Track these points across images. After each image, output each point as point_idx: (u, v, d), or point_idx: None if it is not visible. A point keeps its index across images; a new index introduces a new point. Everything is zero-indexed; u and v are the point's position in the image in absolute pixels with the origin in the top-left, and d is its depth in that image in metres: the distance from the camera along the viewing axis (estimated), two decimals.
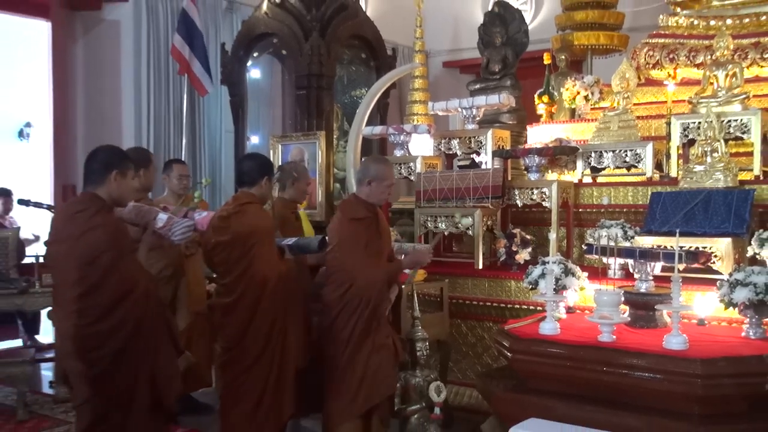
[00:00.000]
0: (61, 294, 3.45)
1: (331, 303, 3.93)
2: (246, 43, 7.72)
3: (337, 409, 3.90)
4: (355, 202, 4.11)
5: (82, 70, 7.96)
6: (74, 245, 3.34)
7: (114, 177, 3.46)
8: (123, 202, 3.63)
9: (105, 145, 3.77)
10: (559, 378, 3.61)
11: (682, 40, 6.44)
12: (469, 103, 5.88)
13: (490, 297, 4.83)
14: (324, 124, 7.13)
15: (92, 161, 3.51)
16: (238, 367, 4.03)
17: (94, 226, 3.35)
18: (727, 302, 3.62)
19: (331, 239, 4.06)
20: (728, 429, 3.22)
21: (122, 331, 3.34)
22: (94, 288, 3.31)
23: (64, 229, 3.42)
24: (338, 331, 3.89)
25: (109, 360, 3.33)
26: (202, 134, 8.32)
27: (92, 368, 3.34)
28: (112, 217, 3.52)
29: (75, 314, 3.32)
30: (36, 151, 9.04)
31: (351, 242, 3.97)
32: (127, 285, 3.37)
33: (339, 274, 3.94)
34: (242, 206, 4.15)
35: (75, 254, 3.33)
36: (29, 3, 7.61)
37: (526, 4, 10.42)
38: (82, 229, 3.35)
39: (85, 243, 3.32)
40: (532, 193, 5.13)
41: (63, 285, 3.42)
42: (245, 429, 4.03)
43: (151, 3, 7.84)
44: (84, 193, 3.50)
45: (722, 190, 4.48)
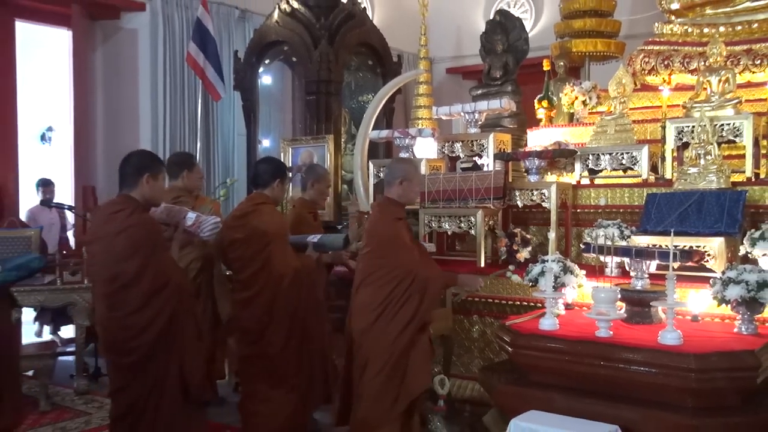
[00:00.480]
0: (100, 288, 3.55)
1: (370, 304, 3.79)
2: (258, 51, 7.74)
3: (381, 410, 3.74)
4: (392, 202, 4.00)
5: (101, 77, 7.99)
6: (112, 243, 3.46)
7: (146, 180, 3.56)
8: (156, 203, 3.73)
9: (137, 150, 3.90)
10: (558, 371, 3.60)
11: (677, 47, 6.42)
12: (471, 108, 5.87)
13: (492, 294, 4.82)
14: (332, 128, 7.15)
15: (126, 165, 3.63)
16: (264, 358, 4.10)
17: (130, 225, 3.47)
18: (720, 299, 3.61)
19: (368, 241, 3.94)
20: (721, 421, 3.21)
21: (157, 323, 3.46)
22: (131, 282, 3.43)
23: (102, 228, 3.54)
24: (382, 331, 3.74)
25: (144, 350, 3.45)
26: (216, 137, 8.33)
27: (128, 358, 3.47)
28: (147, 216, 3.64)
29: (113, 307, 3.47)
30: (57, 154, 9.09)
31: (401, 241, 3.94)
32: (161, 280, 3.49)
33: (384, 273, 3.79)
34: (257, 206, 4.20)
35: (113, 251, 3.46)
36: (51, 13, 7.64)
37: (526, 13, 10.40)
38: (119, 228, 3.47)
39: (123, 241, 3.45)
40: (532, 194, 5.12)
41: (102, 280, 3.52)
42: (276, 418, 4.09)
43: (167, 12, 7.86)
44: (120, 195, 3.62)
45: (715, 192, 4.46)
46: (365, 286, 3.86)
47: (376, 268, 3.84)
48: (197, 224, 3.86)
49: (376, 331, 3.76)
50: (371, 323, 3.78)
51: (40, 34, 8.38)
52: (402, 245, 3.93)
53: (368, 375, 3.76)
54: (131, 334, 3.45)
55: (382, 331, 3.75)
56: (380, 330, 3.76)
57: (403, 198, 3.99)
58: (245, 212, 4.22)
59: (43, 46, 8.74)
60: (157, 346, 3.47)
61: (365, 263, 3.91)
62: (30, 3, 7.39)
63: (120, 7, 7.80)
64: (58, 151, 9.13)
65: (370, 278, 3.84)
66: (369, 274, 3.85)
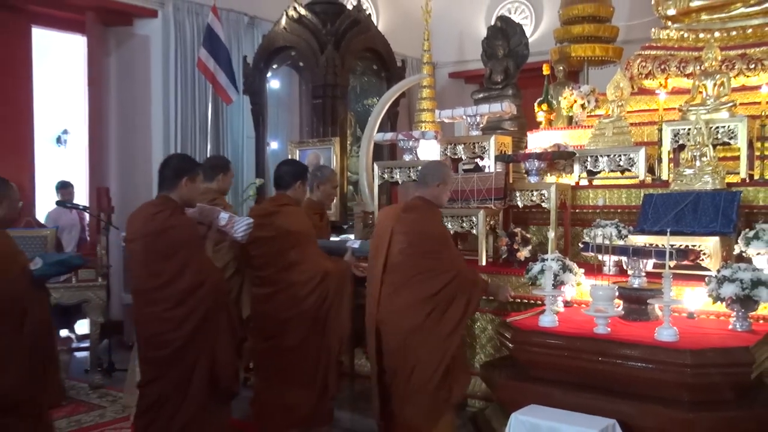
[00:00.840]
0: (140, 284, 3.61)
1: (416, 305, 3.71)
2: (266, 56, 7.75)
3: (440, 401, 3.71)
4: (431, 204, 3.95)
5: (114, 81, 8.00)
6: (154, 242, 3.52)
7: (185, 182, 3.63)
8: (192, 204, 3.77)
9: (177, 154, 3.99)
10: (558, 367, 3.60)
11: (673, 52, 6.41)
12: (473, 111, 5.87)
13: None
14: (338, 131, 7.15)
15: (165, 168, 3.69)
16: (281, 354, 4.11)
17: (171, 225, 3.55)
18: (715, 297, 3.61)
19: (413, 240, 3.80)
20: (716, 415, 3.20)
21: (191, 319, 3.51)
22: (171, 280, 3.50)
23: (144, 227, 3.58)
24: (431, 331, 3.68)
25: (177, 344, 3.50)
26: (226, 140, 8.34)
27: (162, 351, 3.53)
28: (186, 217, 3.71)
29: (152, 303, 3.53)
30: (72, 156, 9.10)
31: (450, 242, 3.96)
32: (198, 279, 3.54)
33: (434, 274, 3.73)
34: (282, 207, 4.23)
35: (155, 250, 3.53)
36: (67, 20, 7.66)
37: (526, 19, 10.39)
38: (160, 228, 3.53)
39: (163, 240, 3.52)
40: (532, 194, 5.12)
41: (143, 277, 3.58)
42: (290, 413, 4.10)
43: (178, 19, 7.87)
44: (159, 196, 3.69)
45: (710, 192, 4.46)
46: (408, 286, 3.74)
47: (423, 268, 3.74)
48: (230, 224, 3.88)
49: (426, 331, 3.69)
50: (420, 323, 3.69)
51: (55, 40, 8.40)
52: (451, 246, 3.97)
53: (422, 373, 3.68)
54: (167, 328, 3.51)
55: (431, 330, 3.69)
56: (429, 330, 3.69)
57: (437, 200, 3.95)
58: (270, 212, 4.23)
59: (59, 51, 8.76)
60: (190, 341, 3.51)
61: (409, 263, 3.77)
62: (46, 10, 7.41)
63: (133, 14, 7.81)
64: (73, 153, 9.14)
65: (417, 278, 3.73)
66: (415, 274, 3.74)
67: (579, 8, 7.74)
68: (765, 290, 3.46)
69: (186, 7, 7.93)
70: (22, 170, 7.21)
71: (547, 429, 3.21)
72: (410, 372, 3.72)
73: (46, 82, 8.36)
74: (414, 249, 3.79)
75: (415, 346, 3.70)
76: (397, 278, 3.79)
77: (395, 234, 3.83)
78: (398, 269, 3.80)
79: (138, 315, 3.65)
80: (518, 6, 10.62)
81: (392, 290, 3.79)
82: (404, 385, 3.74)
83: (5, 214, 3.63)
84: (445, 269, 3.76)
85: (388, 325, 3.79)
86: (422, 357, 3.69)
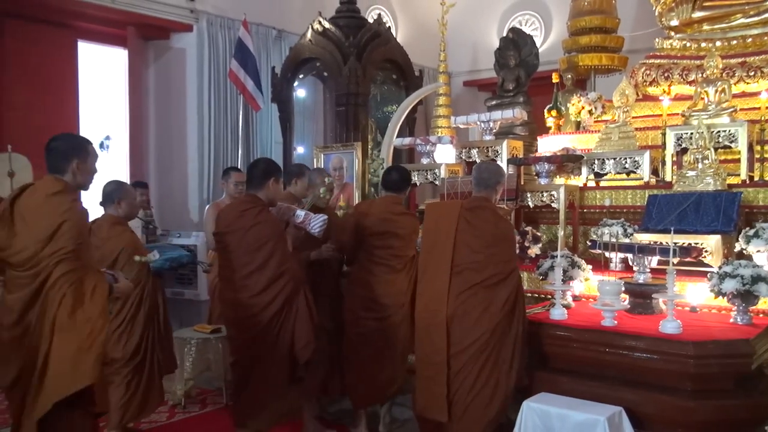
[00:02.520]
0: (230, 273, 3.75)
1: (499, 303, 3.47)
2: (293, 67, 7.78)
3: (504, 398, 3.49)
4: (493, 203, 3.81)
5: (153, 91, 8.08)
6: (245, 235, 3.69)
7: (271, 183, 3.82)
8: (274, 203, 3.92)
9: (264, 158, 4.21)
10: (567, 357, 3.59)
11: (676, 61, 6.35)
12: (486, 117, 5.86)
13: None
14: (360, 136, 7.16)
15: (254, 169, 3.88)
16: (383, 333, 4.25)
17: (261, 221, 3.72)
18: (717, 292, 3.57)
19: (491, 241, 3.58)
20: (717, 404, 3.17)
21: (275, 304, 3.66)
22: (258, 269, 3.67)
23: (236, 222, 3.74)
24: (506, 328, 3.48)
25: (262, 326, 3.66)
26: (255, 145, 8.38)
27: (248, 333, 3.69)
28: (272, 214, 3.87)
29: (242, 289, 3.69)
30: (114, 160, 9.20)
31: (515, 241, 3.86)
32: (282, 268, 3.70)
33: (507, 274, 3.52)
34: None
35: (246, 242, 3.69)
36: (110, 35, 7.74)
37: (537, 30, 10.33)
38: (252, 223, 3.70)
39: (253, 234, 3.68)
40: (543, 195, 5.10)
41: (234, 266, 3.73)
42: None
43: (212, 33, 7.93)
44: (248, 194, 3.87)
45: (712, 193, 4.41)
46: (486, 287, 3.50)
47: (500, 269, 3.52)
48: (306, 221, 3.96)
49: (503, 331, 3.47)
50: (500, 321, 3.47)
51: (99, 53, 8.49)
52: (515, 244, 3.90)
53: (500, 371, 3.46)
54: (253, 312, 3.65)
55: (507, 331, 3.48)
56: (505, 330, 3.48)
57: (493, 201, 3.81)
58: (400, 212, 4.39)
59: (102, 64, 8.86)
60: (273, 323, 3.66)
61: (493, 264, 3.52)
62: (91, 26, 7.50)
63: (170, 29, 7.88)
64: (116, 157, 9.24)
65: (493, 279, 3.50)
66: (492, 275, 3.50)
67: (586, 20, 7.68)
68: (765, 285, 3.43)
69: (219, 21, 7.99)
70: None
71: (557, 415, 3.20)
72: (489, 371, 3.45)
73: (91, 92, 8.45)
74: (490, 250, 3.55)
75: (494, 345, 3.45)
76: (471, 278, 3.52)
77: (461, 233, 3.58)
78: (472, 269, 3.54)
79: (227, 300, 3.82)
80: (529, 18, 10.56)
81: (466, 288, 3.53)
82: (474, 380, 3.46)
83: (127, 212, 3.99)
84: (515, 270, 3.58)
85: (462, 324, 3.50)
86: (504, 355, 3.46)
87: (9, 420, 2.97)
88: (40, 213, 2.82)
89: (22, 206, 2.87)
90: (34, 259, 2.78)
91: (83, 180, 3.03)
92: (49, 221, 2.79)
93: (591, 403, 3.24)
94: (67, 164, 2.95)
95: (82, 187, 3.05)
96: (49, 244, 2.77)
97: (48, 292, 2.77)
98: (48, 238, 2.77)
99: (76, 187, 3.01)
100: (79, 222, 2.89)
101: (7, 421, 4.61)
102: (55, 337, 2.76)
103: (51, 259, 2.76)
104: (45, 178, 2.96)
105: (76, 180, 2.98)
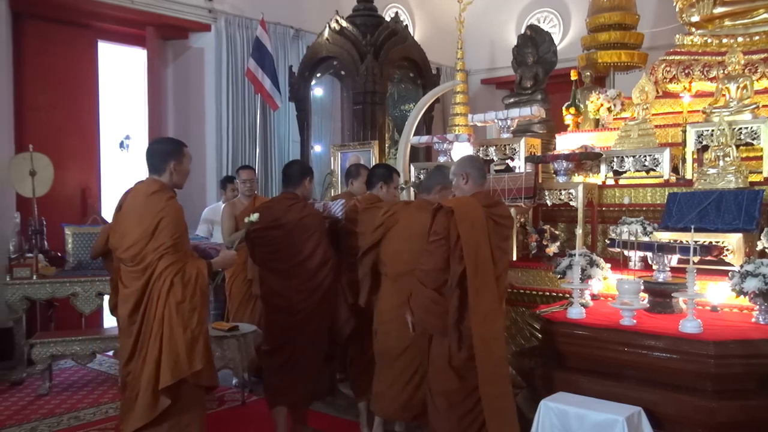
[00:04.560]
0: (279, 264, 4.02)
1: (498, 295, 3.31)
2: (310, 66, 7.81)
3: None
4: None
5: (172, 90, 8.14)
6: (293, 229, 3.98)
7: (307, 182, 4.16)
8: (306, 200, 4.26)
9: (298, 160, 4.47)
10: (585, 356, 3.56)
11: (697, 57, 6.26)
12: (504, 115, 5.83)
13: (523, 285, 4.79)
14: (377, 135, 7.17)
15: (291, 170, 4.20)
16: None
17: (306, 215, 4.04)
18: (738, 291, 3.53)
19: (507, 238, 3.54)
20: (738, 404, 3.13)
21: (320, 289, 4.00)
22: (305, 258, 3.98)
23: (284, 216, 4.01)
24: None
25: (308, 311, 3.97)
26: (273, 144, 8.41)
27: (296, 317, 3.97)
28: (314, 207, 4.24)
29: (291, 277, 3.98)
30: (134, 159, 9.29)
31: None
32: (325, 257, 4.04)
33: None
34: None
35: (296, 233, 3.98)
36: (129, 35, 7.82)
37: (555, 27, 10.27)
38: (299, 217, 4.01)
39: (302, 226, 3.99)
40: (561, 193, 5.06)
41: (284, 257, 3.99)
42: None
43: (229, 32, 7.97)
44: (287, 191, 4.18)
45: (733, 191, 4.35)
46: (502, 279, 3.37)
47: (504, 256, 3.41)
48: (327, 210, 4.29)
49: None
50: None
51: (119, 53, 8.59)
52: None
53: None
54: (301, 297, 3.96)
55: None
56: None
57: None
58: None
59: (122, 63, 8.95)
60: (317, 308, 4.00)
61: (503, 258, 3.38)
62: (110, 26, 7.58)
63: (188, 29, 7.94)
64: (135, 156, 9.34)
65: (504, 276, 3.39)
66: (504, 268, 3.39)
67: (606, 17, 7.61)
68: None
69: (237, 21, 8.03)
70: (89, 172, 7.39)
71: (574, 415, 3.18)
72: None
73: (111, 91, 8.55)
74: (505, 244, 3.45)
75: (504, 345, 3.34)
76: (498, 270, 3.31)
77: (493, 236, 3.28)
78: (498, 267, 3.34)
79: (277, 288, 4.04)
80: (547, 15, 10.50)
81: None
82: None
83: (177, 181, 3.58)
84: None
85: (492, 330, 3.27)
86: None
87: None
88: (141, 212, 3.13)
89: (128, 207, 3.21)
90: (140, 255, 3.09)
91: (179, 180, 3.30)
92: (150, 220, 3.09)
93: (609, 403, 3.21)
94: (165, 165, 3.24)
95: (177, 185, 3.31)
96: (152, 241, 3.07)
97: (155, 284, 3.08)
98: (150, 234, 3.07)
99: (172, 186, 3.27)
100: (175, 217, 3.13)
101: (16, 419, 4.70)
102: (166, 326, 3.06)
103: (155, 254, 3.07)
104: (145, 180, 3.27)
105: (172, 180, 3.26)
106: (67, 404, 5.04)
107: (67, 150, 7.03)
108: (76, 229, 5.97)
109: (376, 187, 4.30)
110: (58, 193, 6.50)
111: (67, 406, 4.98)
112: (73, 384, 5.60)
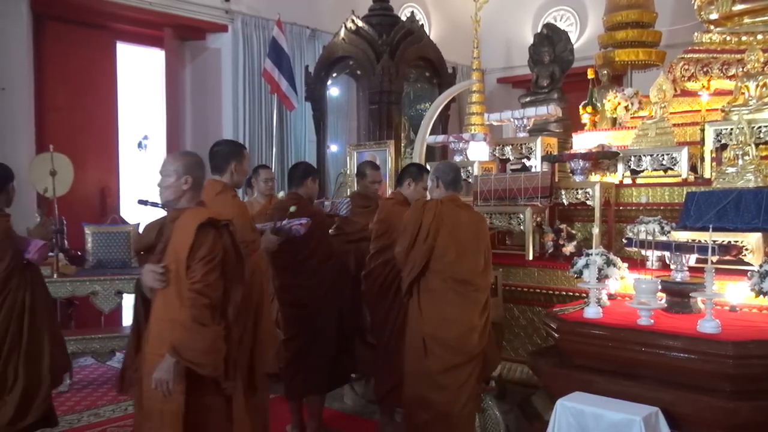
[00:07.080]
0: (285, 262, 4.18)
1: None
2: (326, 66, 7.84)
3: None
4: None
5: (189, 90, 8.22)
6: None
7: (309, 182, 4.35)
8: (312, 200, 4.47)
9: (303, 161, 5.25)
10: (601, 356, 3.54)
11: (716, 55, 6.19)
12: (520, 114, 5.82)
13: (540, 284, 4.78)
14: (393, 134, 7.18)
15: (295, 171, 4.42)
16: None
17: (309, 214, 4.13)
18: (757, 291, 3.49)
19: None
20: (757, 405, 3.10)
21: (324, 284, 4.23)
22: (309, 255, 4.18)
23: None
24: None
25: (315, 304, 4.20)
26: (289, 143, 8.46)
27: (304, 310, 4.22)
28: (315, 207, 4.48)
29: (298, 273, 4.20)
30: (152, 159, 9.38)
31: None
32: (327, 254, 4.28)
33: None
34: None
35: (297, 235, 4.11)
36: (147, 36, 7.90)
37: (572, 26, 10.22)
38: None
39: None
40: (577, 193, 5.04)
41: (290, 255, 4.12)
42: None
43: (246, 33, 8.03)
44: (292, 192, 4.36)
45: (753, 190, 4.30)
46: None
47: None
48: (334, 208, 4.55)
49: None
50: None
51: (137, 54, 8.67)
52: None
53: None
54: (307, 293, 4.21)
55: None
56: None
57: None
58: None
59: (140, 64, 9.04)
60: (323, 303, 4.23)
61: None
62: (129, 27, 7.66)
63: (205, 30, 8.01)
64: (153, 156, 9.43)
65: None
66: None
67: (623, 14, 7.56)
68: None
69: (253, 22, 8.09)
70: (108, 172, 7.48)
71: (591, 415, 3.16)
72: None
73: (129, 92, 8.64)
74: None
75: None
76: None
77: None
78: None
79: (285, 285, 4.28)
80: (564, 14, 10.45)
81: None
82: None
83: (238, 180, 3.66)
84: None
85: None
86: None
87: None
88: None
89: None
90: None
91: (239, 179, 3.52)
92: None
93: (626, 403, 3.20)
94: (227, 165, 3.45)
95: (238, 185, 3.54)
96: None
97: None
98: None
99: (233, 185, 3.49)
100: (242, 214, 3.38)
101: None
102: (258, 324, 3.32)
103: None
104: (208, 182, 3.35)
105: (233, 179, 3.47)
106: (87, 401, 5.10)
107: (87, 150, 7.12)
108: (96, 228, 6.05)
109: (404, 184, 4.39)
110: (77, 193, 6.58)
111: (87, 403, 5.04)
112: (93, 381, 5.67)
